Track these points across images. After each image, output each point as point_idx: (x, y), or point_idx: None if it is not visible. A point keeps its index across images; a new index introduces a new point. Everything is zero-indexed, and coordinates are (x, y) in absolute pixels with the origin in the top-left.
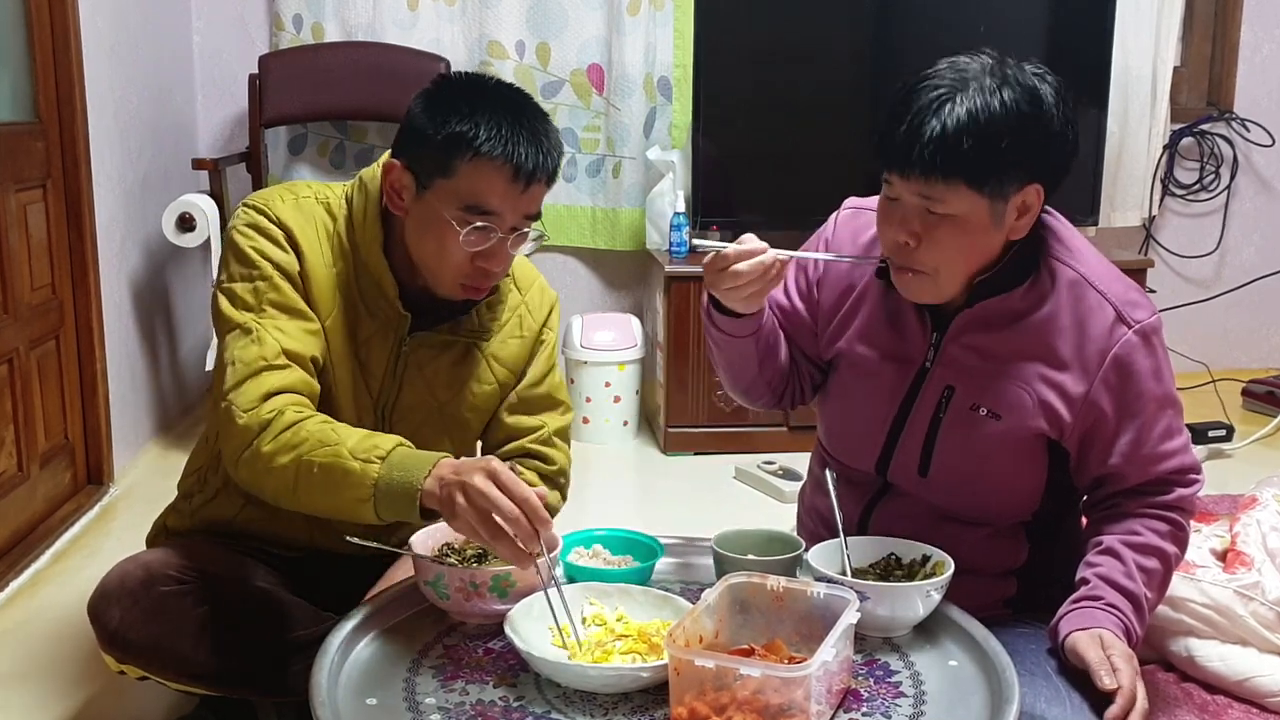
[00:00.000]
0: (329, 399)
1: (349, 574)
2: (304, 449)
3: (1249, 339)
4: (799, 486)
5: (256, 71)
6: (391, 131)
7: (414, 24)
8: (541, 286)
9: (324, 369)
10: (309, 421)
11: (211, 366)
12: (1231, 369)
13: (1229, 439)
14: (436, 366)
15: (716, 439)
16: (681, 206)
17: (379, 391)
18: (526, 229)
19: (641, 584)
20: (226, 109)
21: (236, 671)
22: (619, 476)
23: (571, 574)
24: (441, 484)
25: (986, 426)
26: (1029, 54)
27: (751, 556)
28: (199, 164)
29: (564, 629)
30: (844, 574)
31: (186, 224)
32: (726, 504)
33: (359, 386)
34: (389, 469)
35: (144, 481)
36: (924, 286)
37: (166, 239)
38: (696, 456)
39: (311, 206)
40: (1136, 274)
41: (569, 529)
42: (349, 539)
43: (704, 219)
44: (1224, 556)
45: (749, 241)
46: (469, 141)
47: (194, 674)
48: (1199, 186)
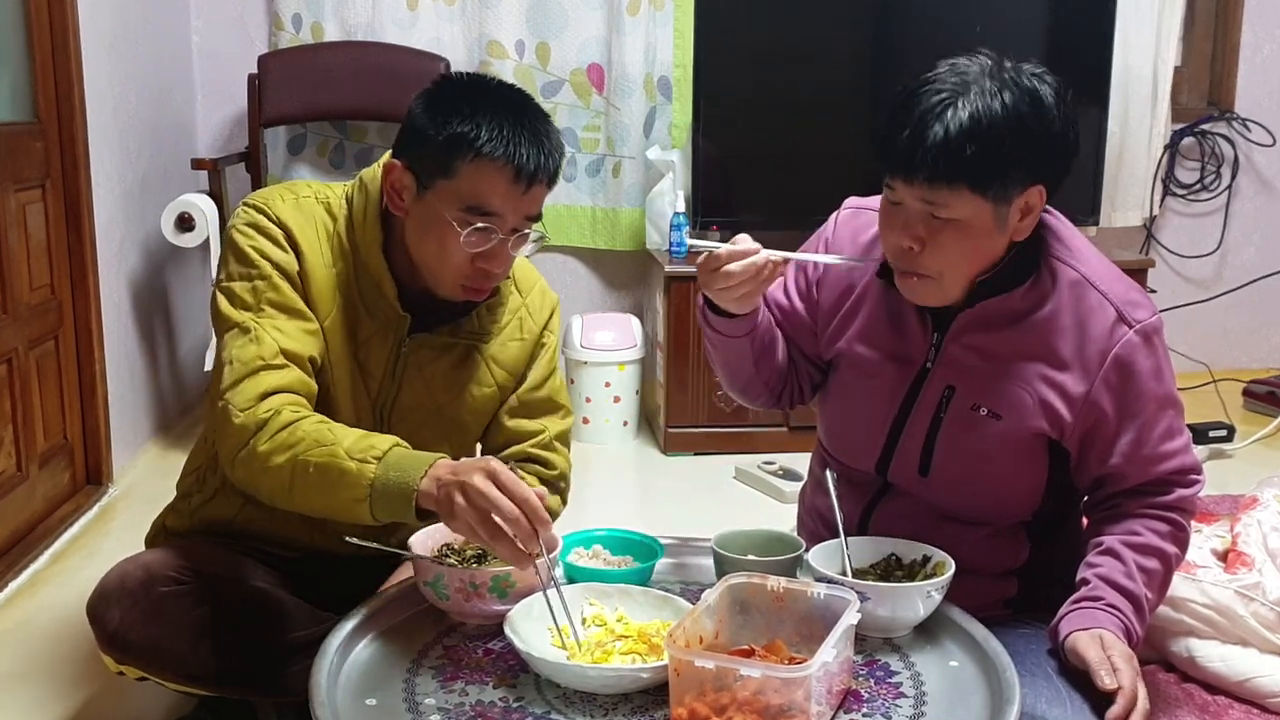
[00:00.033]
0: (327, 399)
1: (348, 574)
2: (300, 449)
3: (1250, 339)
4: (799, 487)
5: (256, 71)
6: (391, 131)
7: (413, 23)
8: (542, 289)
9: (323, 369)
10: (305, 421)
11: (210, 366)
12: (1232, 369)
13: (1230, 439)
14: (436, 368)
15: (716, 439)
16: (681, 206)
17: (377, 392)
18: (527, 230)
19: (641, 584)
20: (226, 109)
21: (236, 672)
22: (619, 477)
23: (571, 574)
24: (439, 484)
25: (987, 426)
26: (1029, 54)
27: (752, 557)
28: (198, 164)
29: (563, 630)
30: (844, 574)
31: (186, 224)
32: (726, 504)
33: (358, 387)
34: (385, 469)
35: (143, 481)
36: (928, 290)
37: (165, 239)
38: (696, 456)
39: (312, 206)
40: (1137, 274)
41: (569, 529)
42: (348, 539)
43: (704, 219)
44: (1225, 557)
45: (742, 242)
46: (470, 142)
47: (193, 674)
48: (1200, 186)
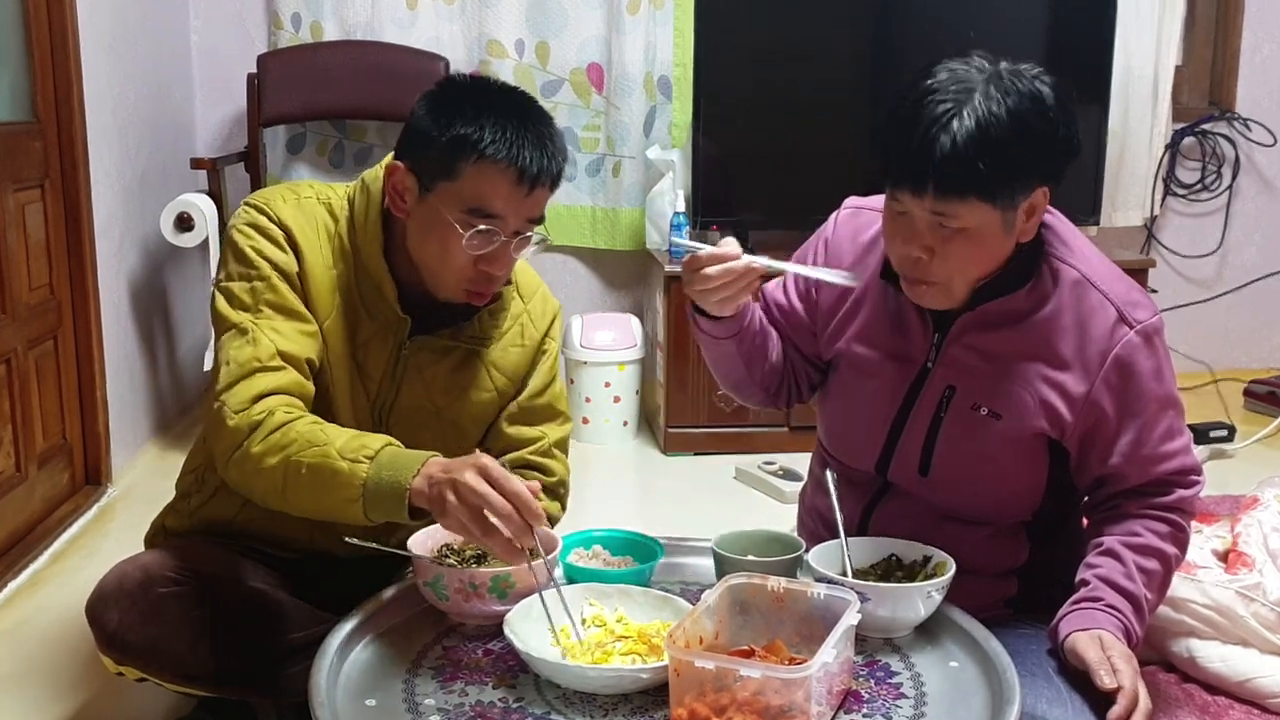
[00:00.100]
0: (327, 400)
1: (348, 575)
2: (293, 450)
3: (1250, 339)
4: (799, 487)
5: (255, 70)
6: (390, 131)
7: (413, 23)
8: (544, 295)
9: (322, 370)
10: (299, 422)
11: (210, 366)
12: (1233, 369)
13: (1230, 439)
14: (435, 371)
15: (716, 439)
16: (681, 206)
17: (376, 394)
18: (529, 233)
19: (641, 585)
20: (225, 108)
21: (235, 672)
22: (619, 477)
23: (571, 575)
24: (431, 482)
25: (987, 426)
26: (1029, 54)
27: (751, 557)
28: (197, 163)
29: (563, 630)
30: (844, 575)
31: (185, 223)
32: (726, 504)
33: (356, 388)
34: (377, 469)
35: (142, 482)
36: (936, 296)
37: (165, 238)
38: (696, 457)
39: (313, 207)
40: (1138, 274)
41: (569, 529)
42: (348, 540)
43: (704, 219)
44: (1225, 557)
45: (726, 245)
46: (473, 144)
47: (192, 675)
48: (1200, 186)
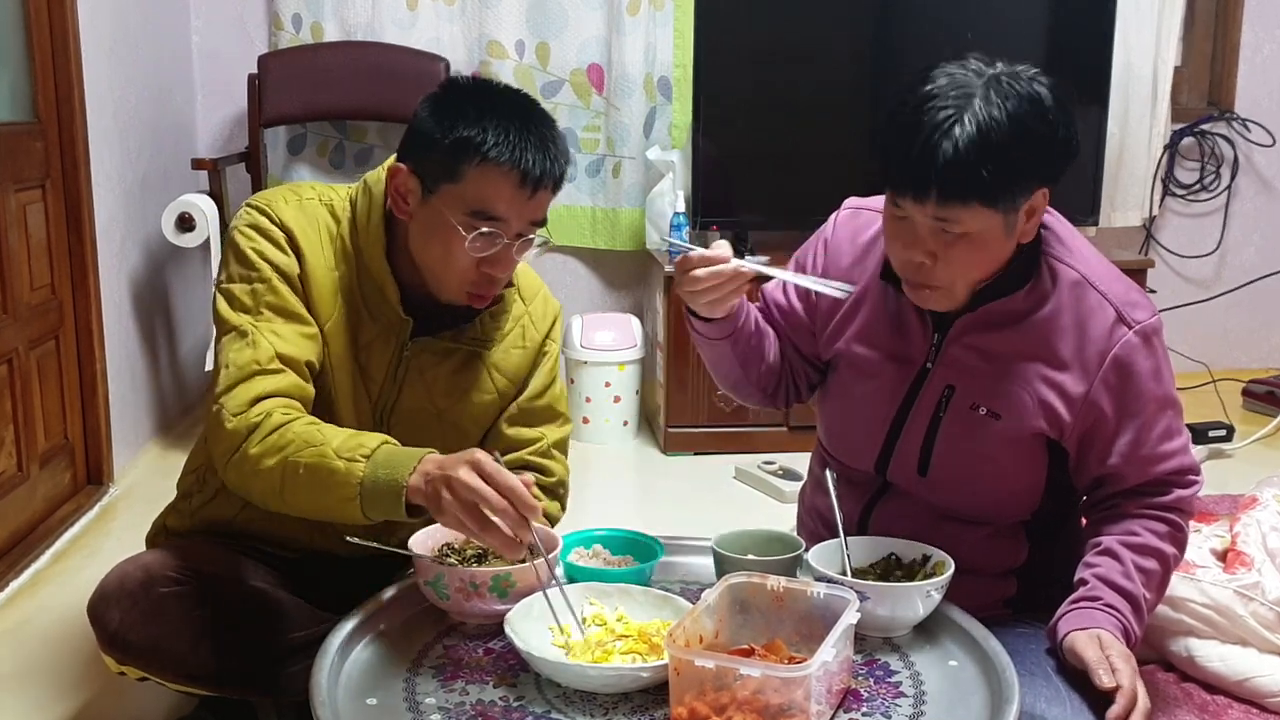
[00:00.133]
0: (328, 402)
1: (349, 574)
2: (289, 450)
3: (1249, 339)
4: (799, 486)
5: (256, 71)
6: (391, 131)
7: (413, 23)
8: (545, 297)
9: (323, 372)
10: (295, 423)
11: (211, 366)
12: (1232, 369)
13: (1229, 439)
14: (437, 373)
15: (716, 439)
16: (681, 206)
17: (378, 395)
18: (532, 235)
19: (641, 584)
20: (226, 109)
21: (236, 672)
22: (619, 476)
23: (571, 574)
24: (427, 479)
25: (986, 426)
26: (1029, 53)
27: (751, 556)
28: (198, 164)
29: (564, 629)
30: (844, 574)
31: (186, 224)
32: (726, 504)
33: (358, 390)
34: (374, 467)
35: (144, 481)
36: (939, 299)
37: (166, 239)
38: (696, 456)
39: (315, 208)
40: (1137, 274)
41: (569, 529)
42: (349, 539)
43: (704, 219)
44: (1224, 556)
45: (717, 248)
46: (477, 147)
47: (193, 674)
48: (1199, 186)
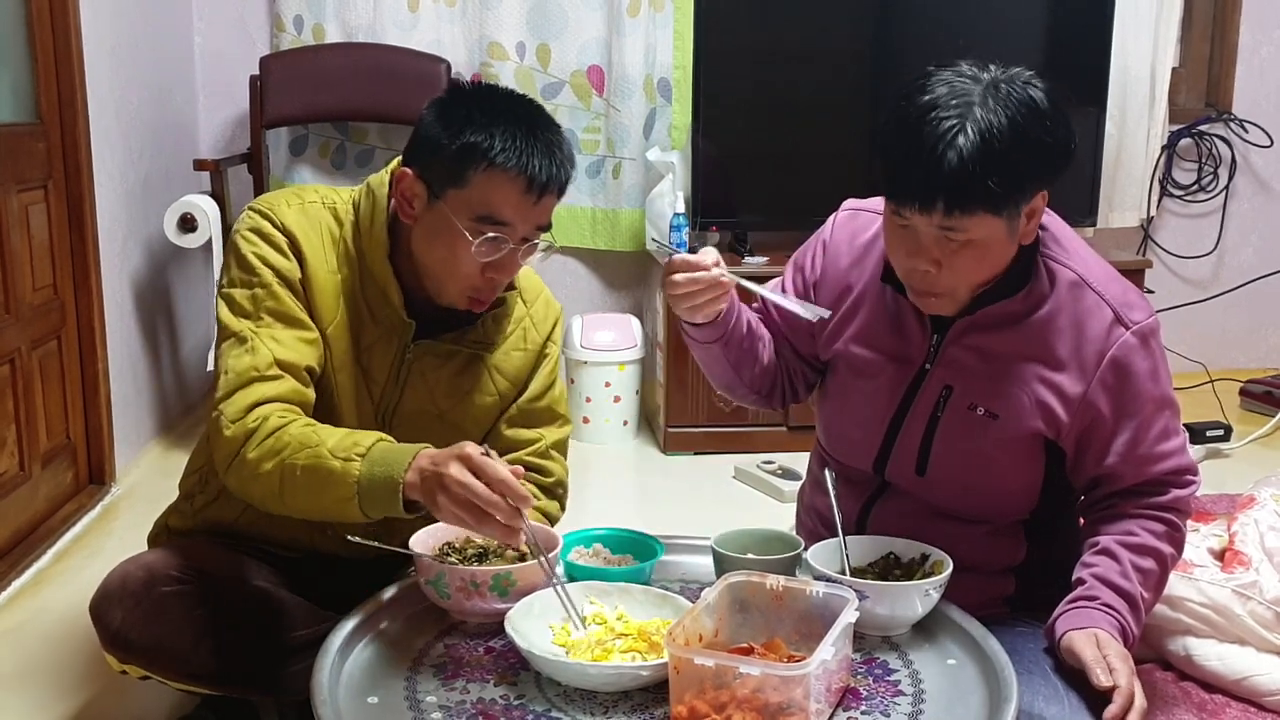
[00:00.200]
0: (331, 404)
1: (350, 574)
2: (286, 453)
3: (1247, 339)
4: (798, 486)
5: (257, 73)
6: (392, 132)
7: (414, 25)
8: (547, 299)
9: (325, 375)
10: (292, 426)
11: (212, 367)
12: (1229, 369)
13: (1227, 439)
14: (439, 375)
15: (716, 439)
16: (681, 207)
17: (380, 397)
18: (536, 240)
19: (641, 583)
20: (227, 110)
21: (238, 671)
22: (619, 476)
23: (571, 573)
24: (422, 476)
25: (984, 426)
26: (1028, 55)
27: (751, 556)
28: (200, 165)
29: (565, 627)
30: (843, 573)
31: (188, 225)
32: (726, 504)
33: (361, 392)
34: (370, 465)
35: (145, 481)
36: (944, 305)
37: (168, 239)
38: (696, 456)
39: (318, 212)
40: (1134, 275)
41: (570, 528)
42: (350, 539)
43: (704, 220)
44: (1222, 556)
45: (703, 254)
46: (484, 152)
47: (195, 674)
48: (1197, 187)
